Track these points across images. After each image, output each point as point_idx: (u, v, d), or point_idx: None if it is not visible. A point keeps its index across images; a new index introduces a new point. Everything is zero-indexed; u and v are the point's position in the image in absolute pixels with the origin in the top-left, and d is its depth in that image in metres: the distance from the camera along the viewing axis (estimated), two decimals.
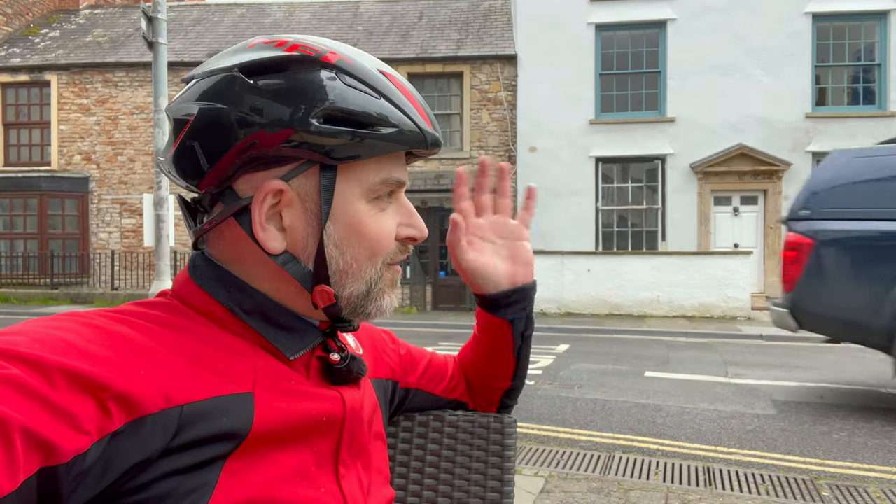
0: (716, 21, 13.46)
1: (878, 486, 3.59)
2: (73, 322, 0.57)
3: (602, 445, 4.37)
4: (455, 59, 14.49)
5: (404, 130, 0.66)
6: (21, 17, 17.52)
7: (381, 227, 0.69)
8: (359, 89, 0.64)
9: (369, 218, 0.68)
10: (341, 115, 0.63)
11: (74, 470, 0.49)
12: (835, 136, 13.18)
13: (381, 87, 0.66)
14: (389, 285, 0.72)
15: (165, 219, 6.54)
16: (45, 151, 15.80)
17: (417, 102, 0.70)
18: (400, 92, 0.68)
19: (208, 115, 0.63)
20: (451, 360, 1.00)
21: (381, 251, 0.69)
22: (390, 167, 0.69)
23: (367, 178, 0.67)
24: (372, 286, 0.70)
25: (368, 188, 0.67)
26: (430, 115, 0.71)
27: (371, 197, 0.68)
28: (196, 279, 0.68)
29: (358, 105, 0.64)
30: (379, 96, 0.65)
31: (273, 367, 0.66)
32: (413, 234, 0.72)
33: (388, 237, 0.70)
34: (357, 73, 0.65)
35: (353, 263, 0.67)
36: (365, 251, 0.68)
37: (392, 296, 0.73)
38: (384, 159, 0.68)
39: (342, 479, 0.69)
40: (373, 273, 0.69)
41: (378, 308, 0.71)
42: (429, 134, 0.69)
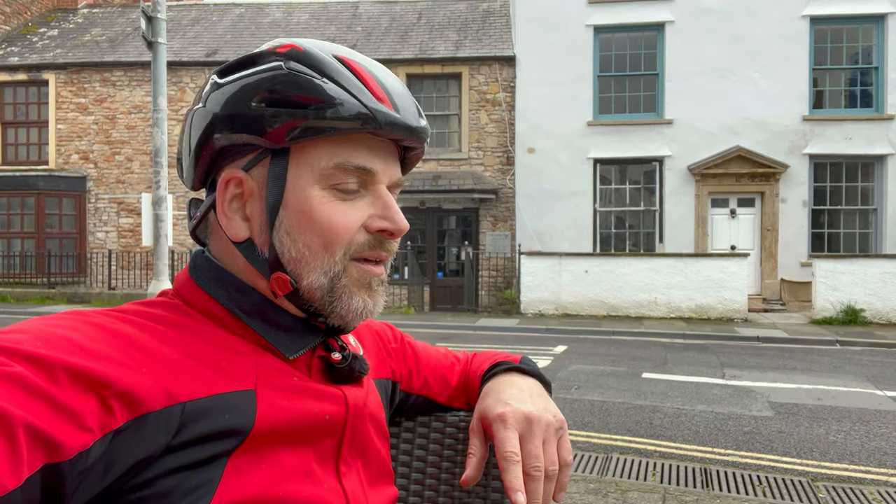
0: (714, 24, 13.49)
1: (875, 488, 3.60)
2: (76, 320, 0.57)
3: (599, 446, 4.37)
4: (454, 60, 14.50)
5: (345, 110, 0.64)
6: (19, 15, 17.49)
7: (336, 216, 0.66)
8: (303, 73, 0.64)
9: (322, 205, 0.65)
10: (279, 97, 0.64)
11: (78, 467, 0.49)
12: (832, 139, 13.22)
13: (329, 71, 0.65)
14: (359, 285, 0.68)
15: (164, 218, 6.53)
16: (43, 150, 15.76)
17: (376, 84, 0.66)
18: (353, 73, 0.66)
19: (191, 116, 0.69)
20: (458, 367, 0.97)
21: (337, 240, 0.66)
22: (347, 152, 0.66)
23: (319, 163, 0.65)
24: (335, 280, 0.66)
25: (321, 173, 0.66)
26: (394, 98, 0.67)
27: (326, 183, 0.66)
28: (196, 279, 0.69)
29: (297, 88, 0.64)
30: (324, 79, 0.64)
31: (275, 366, 0.66)
32: (385, 227, 0.68)
33: (346, 227, 0.66)
34: (304, 59, 0.65)
35: (305, 251, 0.65)
36: (317, 239, 0.65)
37: (365, 298, 0.68)
38: (339, 144, 0.66)
39: (343, 477, 0.69)
40: (331, 264, 0.66)
41: (346, 308, 0.67)
42: (379, 113, 0.65)
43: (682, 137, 13.55)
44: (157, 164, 6.53)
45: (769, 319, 11.87)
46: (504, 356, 0.93)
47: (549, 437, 0.77)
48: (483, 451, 0.79)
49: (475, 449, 0.79)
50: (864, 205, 13.44)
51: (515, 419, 0.76)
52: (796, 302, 12.90)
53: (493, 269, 14.11)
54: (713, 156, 13.33)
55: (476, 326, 11.34)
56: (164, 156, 6.58)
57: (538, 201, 14.00)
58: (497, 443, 0.75)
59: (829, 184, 13.48)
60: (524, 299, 12.71)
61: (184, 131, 0.71)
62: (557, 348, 8.79)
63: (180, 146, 0.72)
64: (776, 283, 13.39)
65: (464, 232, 14.68)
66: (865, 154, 13.18)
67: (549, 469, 0.74)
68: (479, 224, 14.42)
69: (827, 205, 13.48)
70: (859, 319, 11.17)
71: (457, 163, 14.49)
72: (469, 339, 9.87)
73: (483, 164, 14.44)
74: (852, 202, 13.47)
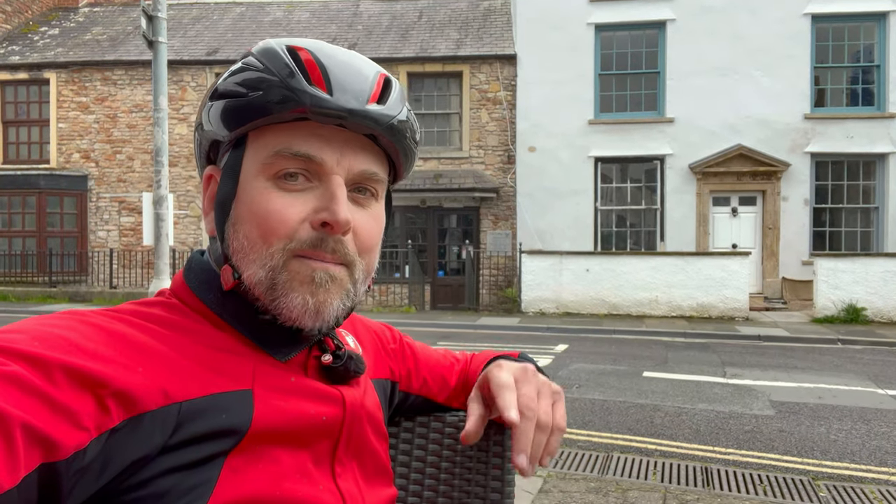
0: (715, 22, 13.47)
1: (876, 487, 3.59)
2: (73, 320, 0.57)
3: (600, 445, 4.37)
4: (454, 59, 14.48)
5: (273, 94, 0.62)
6: (20, 14, 17.49)
7: (272, 206, 0.63)
8: (250, 66, 0.65)
9: (261, 194, 0.64)
10: (228, 90, 0.65)
11: (74, 466, 0.49)
12: (833, 138, 13.20)
13: (268, 59, 0.65)
14: (300, 280, 0.63)
15: (164, 217, 6.53)
16: (44, 149, 15.77)
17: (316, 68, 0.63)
18: (295, 61, 0.64)
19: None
20: (457, 367, 0.97)
21: (273, 232, 0.63)
22: (289, 140, 0.64)
23: (262, 152, 0.65)
24: (275, 275, 0.63)
25: (262, 162, 0.64)
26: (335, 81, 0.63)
27: (269, 173, 0.64)
28: (188, 281, 0.70)
29: (241, 79, 0.65)
30: (263, 68, 0.64)
31: (272, 366, 0.66)
32: (325, 218, 0.63)
33: (283, 216, 0.63)
34: (257, 52, 0.66)
35: (244, 242, 0.64)
36: (255, 230, 0.64)
37: (306, 295, 0.63)
38: (283, 132, 0.64)
39: (338, 478, 0.69)
40: (268, 258, 0.63)
41: (286, 306, 0.63)
42: (304, 95, 0.62)
43: (684, 136, 13.53)
44: (158, 163, 6.53)
45: (770, 318, 11.86)
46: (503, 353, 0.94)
47: (544, 391, 0.76)
48: (482, 409, 0.79)
49: (474, 409, 0.79)
50: (866, 203, 13.42)
51: (511, 367, 0.79)
52: (798, 300, 12.89)
53: (494, 267, 14.10)
54: (714, 154, 13.32)
55: (477, 325, 11.34)
56: (165, 155, 6.58)
57: (539, 200, 13.99)
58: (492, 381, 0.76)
59: (831, 182, 13.46)
60: (525, 298, 12.70)
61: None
62: (558, 347, 8.79)
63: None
64: (777, 281, 13.38)
65: (465, 231, 14.68)
66: (867, 152, 13.15)
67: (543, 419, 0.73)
68: (479, 223, 14.41)
69: (828, 203, 13.46)
70: (860, 318, 11.15)
71: (458, 161, 14.48)
72: (470, 338, 9.87)
73: (484, 162, 14.43)
74: (854, 200, 13.45)
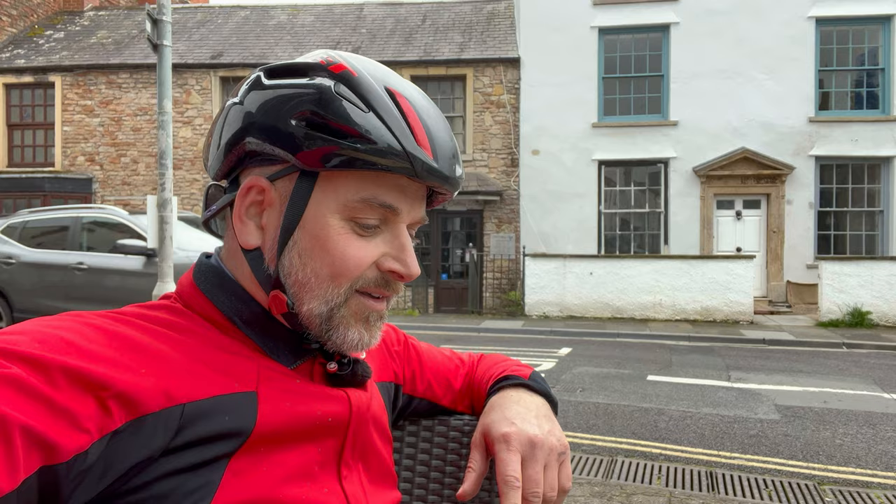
0: (719, 25, 13.46)
1: (882, 492, 3.57)
2: (74, 322, 0.57)
3: (604, 449, 4.36)
4: (458, 62, 14.50)
5: (383, 149, 0.62)
6: (26, 18, 17.58)
7: (350, 248, 0.64)
8: (349, 100, 0.63)
9: (339, 235, 0.64)
10: (321, 122, 0.62)
11: (75, 469, 0.49)
12: (838, 141, 13.17)
13: (375, 103, 0.63)
14: (357, 318, 0.67)
15: (169, 220, 6.54)
16: (49, 152, 15.83)
17: (420, 127, 0.65)
18: (399, 111, 0.64)
19: (227, 109, 0.68)
20: (462, 370, 0.96)
21: (347, 273, 0.65)
22: (375, 188, 0.64)
23: (346, 194, 0.64)
24: (334, 310, 0.65)
25: (344, 204, 0.64)
26: (436, 144, 0.66)
27: (348, 215, 0.64)
28: (199, 284, 0.69)
29: (340, 115, 0.62)
30: (368, 110, 0.63)
31: (277, 369, 0.66)
32: (397, 269, 0.67)
33: (359, 261, 0.65)
34: (354, 85, 0.64)
35: (312, 277, 0.64)
36: (326, 268, 0.64)
37: (362, 330, 0.67)
38: (368, 178, 0.64)
39: (344, 480, 0.68)
40: (334, 295, 0.65)
41: (342, 339, 0.66)
42: (416, 160, 0.63)
43: (688, 139, 13.52)
44: (163, 165, 6.55)
45: (775, 322, 11.82)
46: (513, 367, 0.91)
47: (550, 462, 0.75)
48: (483, 466, 0.78)
49: (475, 464, 0.78)
50: (871, 206, 13.37)
51: (519, 441, 0.75)
52: (802, 304, 12.84)
53: (498, 270, 14.09)
54: (718, 157, 13.30)
55: (480, 328, 11.33)
56: (170, 158, 6.59)
57: (542, 203, 13.99)
58: (499, 464, 0.74)
59: (836, 185, 13.42)
60: (528, 301, 12.69)
61: (216, 122, 0.70)
62: (562, 350, 8.78)
63: (211, 133, 0.71)
64: (782, 285, 13.34)
65: (468, 234, 14.67)
66: (872, 156, 13.12)
67: (548, 495, 0.73)
68: (483, 226, 14.41)
69: (833, 206, 13.42)
70: (865, 322, 11.11)
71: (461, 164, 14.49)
72: (473, 341, 9.86)
73: (487, 165, 14.43)
74: (858, 204, 13.41)
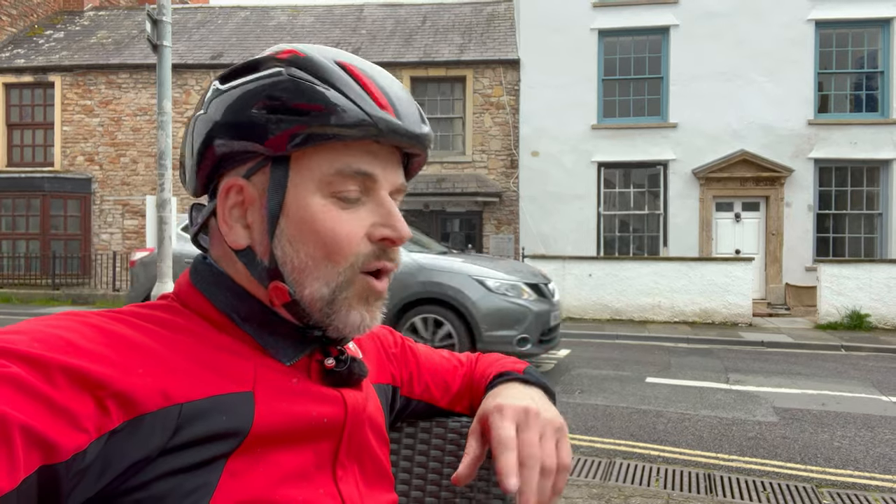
0: (719, 27, 13.48)
1: (880, 495, 3.57)
2: (73, 321, 0.57)
3: (603, 451, 4.36)
4: (458, 64, 14.51)
5: (346, 117, 0.63)
6: (26, 18, 17.58)
7: (339, 225, 0.64)
8: (304, 79, 0.63)
9: (324, 213, 0.64)
10: (279, 105, 0.63)
11: (74, 468, 0.49)
12: (837, 144, 13.18)
13: (330, 77, 0.64)
14: (359, 299, 0.66)
15: (168, 220, 6.54)
16: (49, 152, 15.83)
17: (378, 90, 0.65)
18: (354, 80, 0.65)
19: (193, 122, 0.69)
20: (460, 371, 0.96)
21: (341, 251, 0.65)
22: (348, 158, 0.65)
23: (320, 170, 0.64)
24: (337, 292, 0.65)
25: (322, 180, 0.64)
26: (396, 104, 0.66)
27: (327, 191, 0.65)
28: (196, 283, 0.69)
29: (297, 94, 0.63)
30: (325, 86, 0.63)
31: (274, 368, 0.66)
32: (388, 235, 0.66)
33: (350, 236, 0.65)
34: (305, 65, 0.64)
35: (308, 261, 0.64)
36: (320, 249, 0.64)
37: (362, 312, 0.67)
38: (339, 150, 0.65)
39: (339, 481, 0.68)
40: (335, 275, 0.65)
41: (344, 322, 0.66)
42: (381, 121, 0.64)
43: (687, 141, 13.53)
44: (162, 166, 6.55)
45: (774, 324, 11.83)
46: (509, 364, 0.91)
47: (547, 432, 0.74)
48: (479, 451, 0.76)
49: (471, 449, 0.76)
50: (870, 209, 13.39)
51: (514, 410, 0.75)
52: (801, 307, 12.85)
53: None
54: (718, 160, 13.31)
55: None
56: (169, 158, 6.59)
57: (542, 204, 13.99)
58: (493, 431, 0.73)
59: (835, 188, 13.44)
60: None
61: (186, 137, 0.70)
62: (561, 352, 8.77)
63: (183, 151, 0.72)
64: (781, 287, 13.34)
65: (467, 235, 14.67)
66: (871, 158, 13.13)
67: (547, 463, 0.71)
68: (482, 227, 14.41)
69: (832, 209, 13.43)
70: (864, 324, 11.11)
71: (461, 166, 14.49)
72: None
73: (487, 167, 14.43)
74: (857, 206, 13.42)
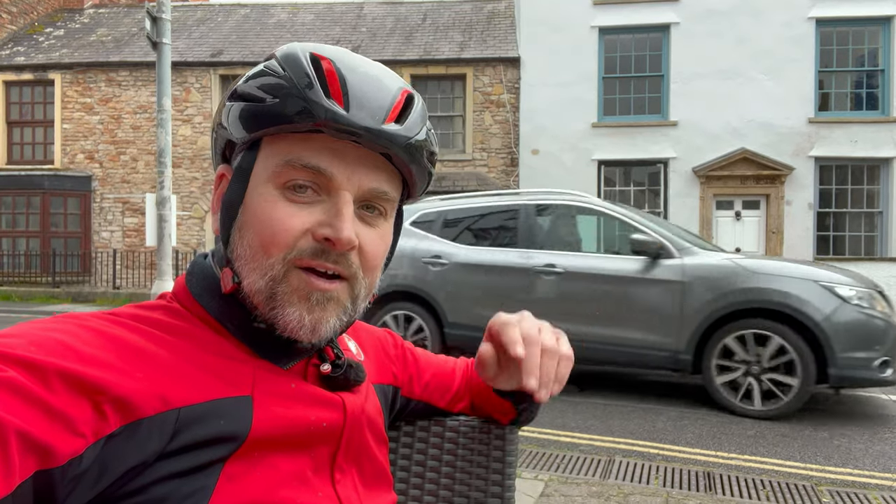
0: (719, 25, 13.46)
1: (879, 493, 3.58)
2: (70, 324, 0.56)
3: (602, 449, 4.36)
4: (458, 62, 14.50)
5: (290, 105, 0.61)
6: (25, 15, 17.56)
7: (277, 214, 0.62)
8: (271, 70, 0.64)
9: (267, 203, 0.63)
10: (247, 93, 0.64)
11: (70, 473, 0.49)
12: (837, 142, 13.17)
13: (290, 65, 0.63)
14: (298, 296, 0.63)
15: (167, 218, 6.54)
16: (49, 150, 15.82)
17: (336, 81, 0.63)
18: (315, 69, 0.63)
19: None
20: (459, 372, 0.97)
21: (274, 242, 0.62)
22: (301, 151, 0.63)
23: (274, 160, 0.64)
24: (274, 286, 0.62)
25: (273, 170, 0.64)
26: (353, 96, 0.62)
27: (278, 182, 0.63)
28: (190, 286, 0.69)
29: (259, 81, 0.64)
30: (284, 74, 0.63)
31: (272, 372, 0.65)
32: (326, 234, 0.63)
33: (285, 228, 0.62)
34: (280, 57, 0.65)
35: (247, 249, 0.64)
36: (257, 238, 0.63)
37: (303, 311, 0.63)
38: (296, 142, 0.63)
39: (338, 484, 0.68)
40: (268, 266, 0.62)
41: (283, 320, 0.63)
42: (320, 108, 0.61)
43: (687, 139, 13.52)
44: (161, 164, 6.55)
45: None
46: None
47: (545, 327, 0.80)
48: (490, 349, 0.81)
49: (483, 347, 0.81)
50: (870, 207, 13.38)
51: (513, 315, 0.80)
52: None
53: None
54: (718, 158, 13.30)
55: None
56: (168, 156, 6.59)
57: None
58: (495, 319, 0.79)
59: (835, 186, 13.43)
60: None
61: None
62: None
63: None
64: None
65: None
66: (871, 157, 13.12)
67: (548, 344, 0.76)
68: None
69: (832, 207, 13.43)
70: None
71: (461, 164, 14.49)
72: None
73: (487, 165, 14.43)
74: (858, 205, 13.42)
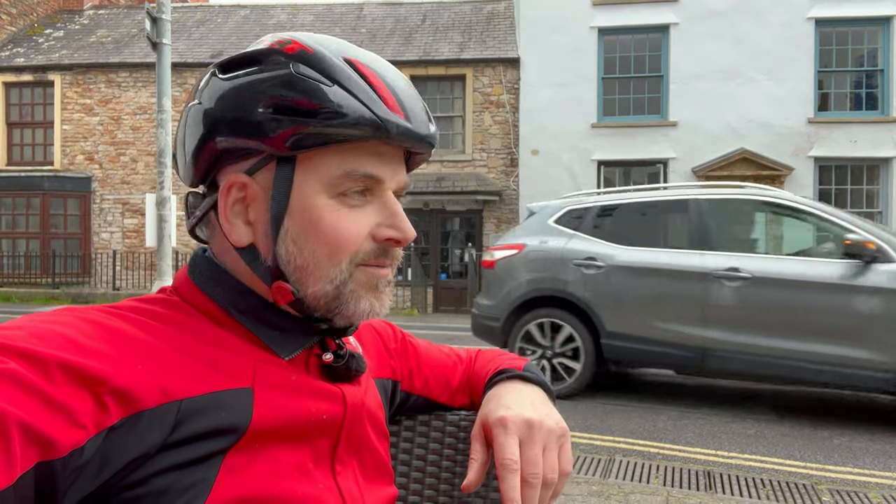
0: (718, 26, 13.47)
1: (879, 492, 3.58)
2: (71, 317, 0.56)
3: (602, 449, 4.36)
4: (458, 62, 14.51)
5: (356, 120, 0.61)
6: (25, 17, 17.57)
7: (342, 224, 0.64)
8: (311, 77, 0.62)
9: (329, 213, 0.63)
10: (287, 104, 0.61)
11: (71, 465, 0.49)
12: (837, 142, 13.18)
13: (338, 76, 0.62)
14: (367, 288, 0.66)
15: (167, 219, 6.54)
16: (49, 151, 15.83)
17: (387, 90, 0.64)
18: (363, 78, 0.63)
19: (187, 113, 0.67)
20: (460, 367, 0.96)
21: (345, 249, 0.64)
22: (355, 160, 0.64)
23: (327, 171, 0.63)
24: (341, 287, 0.65)
25: (328, 182, 0.63)
26: (405, 105, 0.65)
27: (334, 192, 0.64)
28: (194, 278, 0.68)
29: (305, 93, 0.61)
30: (332, 84, 0.62)
31: (273, 363, 0.65)
32: (393, 236, 0.66)
33: (353, 235, 0.64)
34: (312, 62, 0.63)
35: (310, 260, 0.64)
36: (323, 248, 0.64)
37: (372, 300, 0.67)
38: (347, 151, 0.64)
39: (338, 476, 0.68)
40: (337, 273, 0.64)
41: (353, 311, 0.66)
42: (390, 123, 0.63)
43: (687, 139, 13.53)
44: (161, 164, 6.55)
45: None
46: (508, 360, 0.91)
47: (549, 443, 0.75)
48: (485, 456, 0.77)
49: (477, 454, 0.77)
50: (870, 207, 13.38)
51: (516, 424, 0.75)
52: None
53: None
54: (717, 158, 13.31)
55: None
56: (168, 157, 6.60)
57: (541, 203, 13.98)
58: (496, 448, 0.74)
59: (834, 186, 13.44)
60: None
61: (180, 128, 0.69)
62: None
63: (175, 141, 0.70)
64: None
65: (467, 233, 14.68)
66: (871, 157, 13.13)
67: (549, 477, 0.73)
68: (482, 226, 14.41)
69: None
70: None
71: (460, 164, 14.49)
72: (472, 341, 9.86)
73: (487, 165, 14.43)
74: (857, 205, 13.42)
